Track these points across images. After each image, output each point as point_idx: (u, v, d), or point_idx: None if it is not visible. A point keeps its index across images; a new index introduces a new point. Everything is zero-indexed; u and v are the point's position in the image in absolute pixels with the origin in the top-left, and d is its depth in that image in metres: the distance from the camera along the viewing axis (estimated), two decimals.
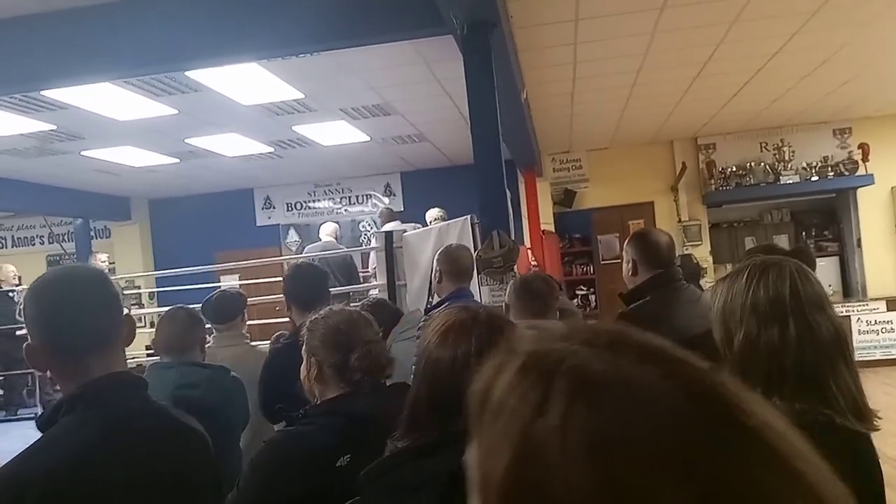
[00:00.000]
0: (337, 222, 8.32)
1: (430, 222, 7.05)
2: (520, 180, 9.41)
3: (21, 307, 1.39)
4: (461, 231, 4.61)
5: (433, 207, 7.38)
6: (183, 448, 1.38)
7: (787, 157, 9.54)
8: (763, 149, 9.77)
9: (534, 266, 7.62)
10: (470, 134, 4.25)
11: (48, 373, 1.35)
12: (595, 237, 10.23)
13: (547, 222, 9.49)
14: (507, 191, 4.37)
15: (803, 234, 10.16)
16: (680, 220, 9.77)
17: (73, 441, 1.23)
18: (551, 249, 8.97)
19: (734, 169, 9.70)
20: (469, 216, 4.62)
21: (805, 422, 1.23)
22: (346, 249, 7.51)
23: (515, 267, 4.07)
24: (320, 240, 7.41)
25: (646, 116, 8.42)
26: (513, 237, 4.32)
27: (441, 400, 1.21)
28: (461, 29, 3.88)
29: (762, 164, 9.66)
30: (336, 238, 7.41)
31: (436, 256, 3.21)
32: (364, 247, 9.44)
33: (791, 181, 9.52)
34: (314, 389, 1.91)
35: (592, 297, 10.10)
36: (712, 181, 9.76)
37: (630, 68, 6.39)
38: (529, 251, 7.60)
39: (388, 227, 6.81)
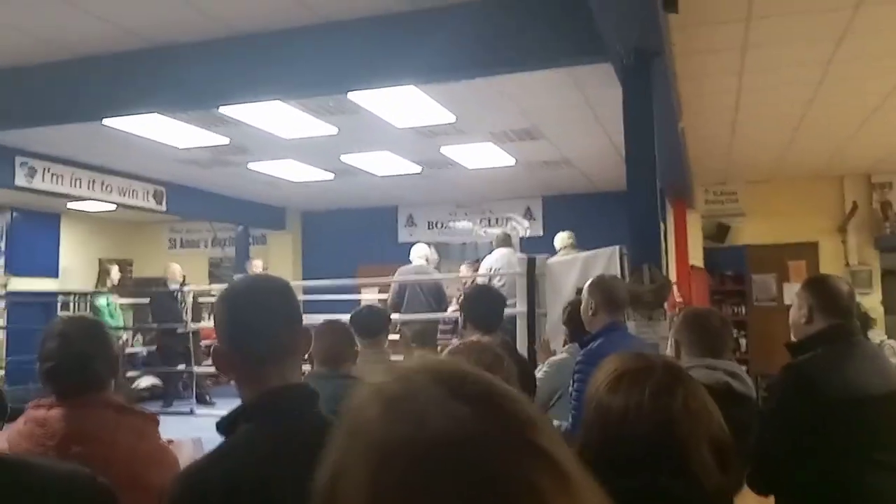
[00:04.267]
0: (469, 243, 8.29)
1: (559, 248, 6.91)
2: (668, 210, 9.06)
3: (213, 311, 1.48)
4: (608, 262, 4.48)
5: (562, 231, 7.20)
6: None
7: None
8: None
9: (679, 303, 7.29)
10: (617, 160, 4.16)
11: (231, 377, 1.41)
12: (749, 276, 9.62)
13: (696, 257, 9.05)
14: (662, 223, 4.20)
15: None
16: (848, 264, 8.98)
17: (251, 452, 1.28)
18: (700, 287, 8.53)
19: None
20: (618, 247, 4.48)
21: None
22: (439, 274, 7.70)
23: (665, 304, 3.89)
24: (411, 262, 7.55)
25: (814, 149, 7.86)
26: (664, 272, 4.14)
27: (612, 448, 1.16)
28: (626, 58, 3.79)
29: None
30: (427, 260, 7.56)
31: (586, 287, 3.11)
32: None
33: None
34: None
35: (743, 341, 9.46)
36: (887, 223, 8.92)
37: (801, 98, 5.99)
38: (675, 286, 7.27)
39: (499, 252, 6.80)
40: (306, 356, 1.67)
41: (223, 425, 1.34)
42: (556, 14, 4.07)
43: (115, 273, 9.01)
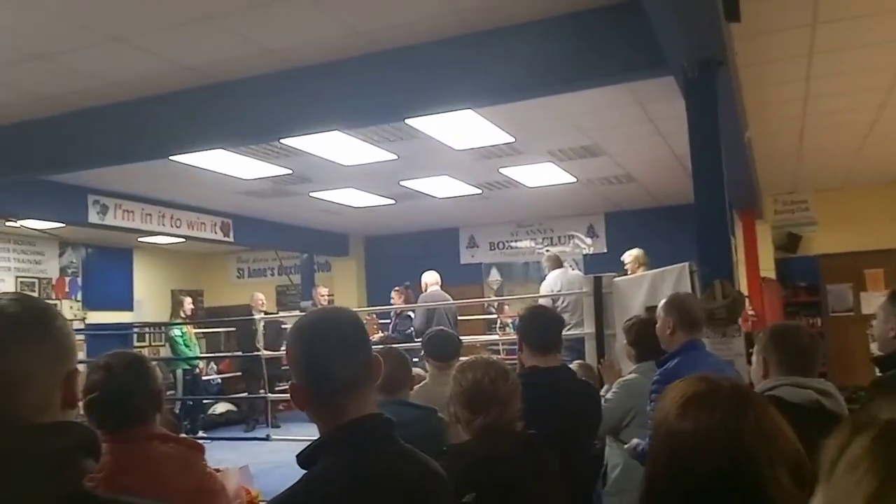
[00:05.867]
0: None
1: (635, 266, 6.77)
2: (736, 222, 8.82)
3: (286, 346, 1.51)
4: (678, 279, 4.38)
5: (632, 248, 7.07)
6: (429, 491, 1.42)
7: None
8: None
9: (752, 316, 7.06)
10: (681, 173, 4.09)
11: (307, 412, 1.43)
12: (824, 286, 9.27)
13: (767, 268, 8.76)
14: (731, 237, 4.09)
15: None
16: None
17: (330, 486, 1.30)
18: (772, 298, 8.25)
19: None
20: (687, 263, 4.38)
21: None
22: (452, 301, 7.79)
23: (740, 319, 3.78)
24: (426, 288, 7.64)
25: (887, 154, 7.55)
26: (736, 286, 4.02)
27: (682, 478, 1.12)
28: (689, 70, 3.73)
29: None
30: (440, 285, 7.70)
31: (662, 306, 3.05)
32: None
33: None
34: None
35: None
36: None
37: (871, 103, 5.79)
38: (747, 299, 7.05)
39: (554, 274, 6.73)
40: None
41: (302, 459, 1.36)
42: (614, 29, 4.01)
43: (187, 304, 9.29)
